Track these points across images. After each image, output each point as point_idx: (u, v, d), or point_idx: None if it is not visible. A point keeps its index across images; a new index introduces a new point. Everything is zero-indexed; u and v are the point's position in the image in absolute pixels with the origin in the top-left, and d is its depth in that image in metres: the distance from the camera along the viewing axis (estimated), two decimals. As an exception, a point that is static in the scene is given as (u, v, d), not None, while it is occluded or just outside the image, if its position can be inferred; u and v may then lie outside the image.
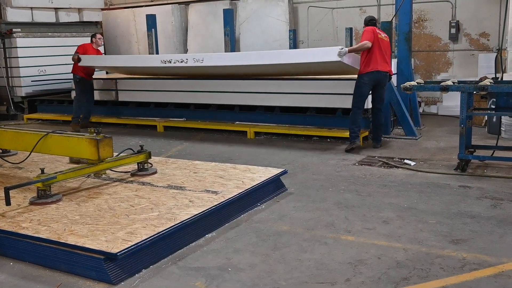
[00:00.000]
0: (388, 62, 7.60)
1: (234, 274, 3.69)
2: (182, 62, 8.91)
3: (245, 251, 4.09)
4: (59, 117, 11.55)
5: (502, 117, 7.69)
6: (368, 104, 7.95)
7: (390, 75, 7.75)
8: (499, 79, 7.92)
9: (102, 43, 10.88)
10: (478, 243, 4.11)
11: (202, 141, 8.88)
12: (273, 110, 9.27)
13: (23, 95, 12.29)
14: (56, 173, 4.87)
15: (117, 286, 3.59)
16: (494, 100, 6.72)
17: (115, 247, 3.69)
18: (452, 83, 6.30)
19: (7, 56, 12.18)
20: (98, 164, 5.17)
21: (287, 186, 5.74)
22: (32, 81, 12.25)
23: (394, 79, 8.56)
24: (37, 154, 6.03)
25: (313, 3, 12.60)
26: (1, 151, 6.75)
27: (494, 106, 6.71)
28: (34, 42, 12.35)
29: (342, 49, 7.32)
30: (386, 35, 7.72)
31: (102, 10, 14.42)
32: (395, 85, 8.50)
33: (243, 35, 13.18)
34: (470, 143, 6.58)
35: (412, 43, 9.14)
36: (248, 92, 9.35)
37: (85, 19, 13.59)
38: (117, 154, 5.67)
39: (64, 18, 13.08)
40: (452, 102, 10.21)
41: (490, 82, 6.17)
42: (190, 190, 5.06)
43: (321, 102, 8.67)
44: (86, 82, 10.38)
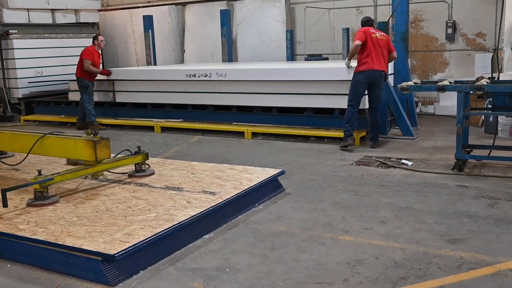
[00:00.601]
0: (384, 62, 7.63)
1: (232, 275, 3.69)
2: (206, 76, 9.58)
3: (243, 252, 4.09)
4: (56, 118, 11.56)
5: (499, 116, 7.71)
6: (365, 104, 7.98)
7: (386, 75, 7.75)
8: (496, 79, 7.94)
9: (104, 45, 10.68)
10: (476, 243, 4.12)
11: (199, 142, 8.88)
12: (270, 111, 9.28)
13: (20, 97, 12.29)
14: (53, 174, 4.87)
15: (114, 288, 3.59)
16: (491, 100, 6.73)
17: (113, 249, 3.69)
18: (448, 83, 6.32)
19: (4, 57, 12.17)
20: (96, 165, 5.18)
21: (285, 187, 5.74)
22: (29, 82, 12.25)
23: (391, 79, 8.59)
24: (34, 156, 6.03)
25: (310, 4, 12.61)
26: (-2, 153, 6.75)
27: (490, 106, 6.73)
28: (31, 44, 12.34)
29: (345, 63, 8.07)
30: (383, 34, 7.73)
31: (99, 11, 14.43)
32: (392, 85, 8.52)
33: (240, 36, 13.18)
34: (467, 143, 6.59)
35: (408, 43, 9.16)
36: (245, 93, 9.38)
37: (81, 20, 13.60)
38: (114, 155, 5.68)
39: (60, 19, 13.08)
40: (449, 102, 10.24)
41: (487, 82, 6.19)
42: (187, 191, 5.05)
43: (318, 102, 8.69)
44: (92, 85, 10.36)
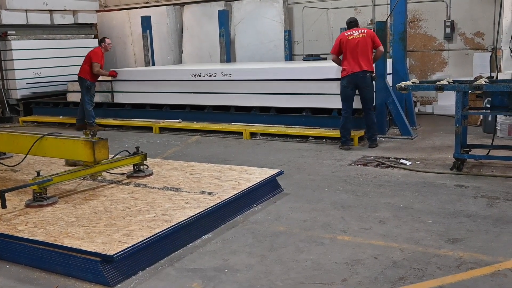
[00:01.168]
0: (367, 60, 7.53)
1: (231, 275, 3.69)
2: (211, 76, 9.59)
3: (241, 252, 4.09)
4: (55, 119, 11.55)
5: (497, 116, 7.71)
6: (359, 104, 7.93)
7: (372, 74, 7.63)
8: (494, 78, 7.94)
9: (111, 48, 10.68)
10: (475, 242, 4.12)
11: (198, 142, 8.87)
12: (268, 111, 9.28)
13: (19, 98, 12.28)
14: (52, 175, 4.86)
15: (113, 288, 3.58)
16: (489, 99, 6.73)
17: (112, 249, 3.69)
18: (447, 83, 6.32)
19: (2, 58, 12.15)
20: (94, 166, 5.17)
21: (283, 187, 5.74)
22: (27, 83, 12.23)
23: (389, 79, 8.58)
24: (32, 157, 6.02)
25: (308, 4, 12.61)
26: (-4, 154, 6.74)
27: (489, 105, 6.73)
28: (29, 45, 12.33)
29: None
30: (364, 32, 7.58)
31: (97, 12, 14.42)
32: (391, 85, 8.51)
33: (238, 36, 13.18)
34: (465, 142, 6.59)
35: (407, 43, 9.16)
36: (243, 93, 9.38)
37: (80, 21, 13.58)
38: (113, 156, 5.67)
39: (59, 20, 13.06)
40: (447, 102, 10.25)
41: (485, 81, 6.18)
42: (186, 192, 5.05)
43: (316, 102, 8.69)
44: (94, 86, 10.35)
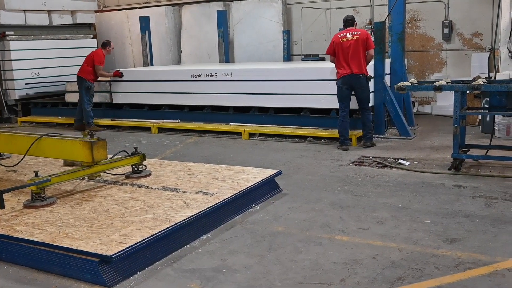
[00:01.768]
0: (353, 65, 7.51)
1: (229, 276, 3.69)
2: (211, 76, 9.62)
3: (240, 253, 4.09)
4: (53, 119, 11.53)
5: (496, 116, 7.72)
6: (356, 104, 7.94)
7: (365, 76, 7.61)
8: (492, 79, 7.95)
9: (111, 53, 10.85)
10: (473, 242, 4.12)
11: (196, 142, 8.87)
12: (267, 111, 9.28)
13: (17, 98, 12.28)
14: (50, 176, 4.86)
15: (112, 289, 3.58)
16: (488, 99, 6.74)
17: (110, 250, 3.68)
18: (445, 83, 6.32)
19: (0, 59, 12.14)
20: (92, 166, 5.17)
21: (282, 187, 5.74)
22: (25, 84, 12.23)
23: (388, 79, 8.58)
24: (31, 157, 6.02)
25: (306, 4, 12.62)
26: (-5, 154, 6.73)
27: (487, 106, 6.74)
28: (28, 45, 12.33)
29: None
30: (357, 33, 7.54)
31: (96, 12, 14.42)
32: (389, 85, 8.52)
33: (237, 36, 13.18)
34: (464, 143, 6.60)
35: (405, 43, 9.17)
36: (242, 93, 9.38)
37: (78, 21, 13.58)
38: (111, 156, 5.67)
39: (57, 20, 13.05)
40: (445, 102, 10.26)
41: (483, 82, 6.19)
42: (184, 192, 5.05)
43: (315, 103, 8.69)
44: (93, 87, 10.35)
